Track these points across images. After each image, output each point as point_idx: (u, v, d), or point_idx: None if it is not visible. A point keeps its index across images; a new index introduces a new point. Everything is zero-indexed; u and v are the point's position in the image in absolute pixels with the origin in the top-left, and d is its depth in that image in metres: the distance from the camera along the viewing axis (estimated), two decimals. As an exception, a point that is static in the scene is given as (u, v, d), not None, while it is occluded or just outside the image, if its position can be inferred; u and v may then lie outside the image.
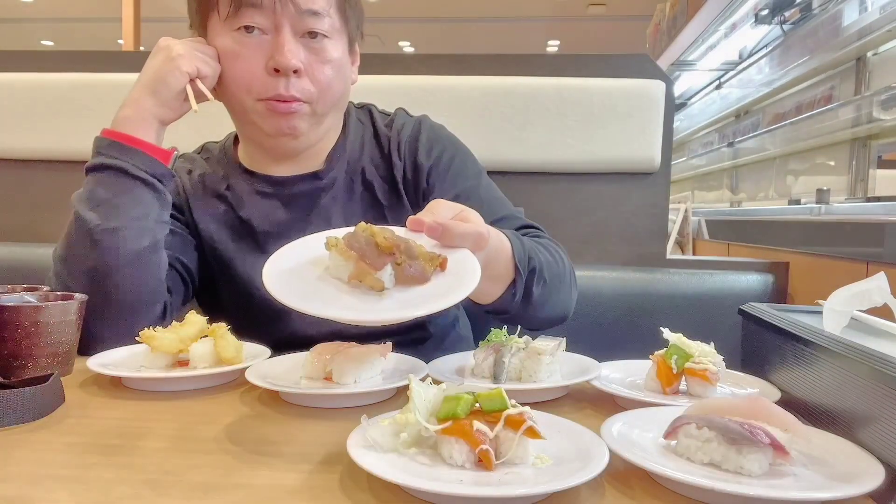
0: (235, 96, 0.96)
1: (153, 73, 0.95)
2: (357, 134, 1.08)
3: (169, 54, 0.94)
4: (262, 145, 1.02)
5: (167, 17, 8.52)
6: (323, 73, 0.95)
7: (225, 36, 0.94)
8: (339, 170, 1.05)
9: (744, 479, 0.53)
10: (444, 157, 1.06)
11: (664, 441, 0.59)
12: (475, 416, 0.55)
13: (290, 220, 1.03)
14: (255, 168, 1.06)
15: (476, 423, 0.54)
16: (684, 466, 0.55)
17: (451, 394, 0.57)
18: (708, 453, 0.55)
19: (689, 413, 0.58)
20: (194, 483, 0.54)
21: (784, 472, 0.54)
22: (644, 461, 0.53)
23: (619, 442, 0.57)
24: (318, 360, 0.78)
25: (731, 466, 0.54)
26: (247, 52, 0.93)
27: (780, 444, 0.53)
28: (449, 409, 0.55)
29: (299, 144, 1.00)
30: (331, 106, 0.99)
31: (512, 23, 8.52)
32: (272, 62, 0.92)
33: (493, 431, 0.54)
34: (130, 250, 0.91)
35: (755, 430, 0.53)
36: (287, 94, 0.93)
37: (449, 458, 0.54)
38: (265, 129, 0.97)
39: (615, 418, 0.62)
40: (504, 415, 0.54)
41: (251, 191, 1.05)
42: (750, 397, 0.61)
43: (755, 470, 0.53)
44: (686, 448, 0.57)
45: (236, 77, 0.95)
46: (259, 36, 0.93)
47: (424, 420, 0.55)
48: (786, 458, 0.54)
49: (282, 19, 0.92)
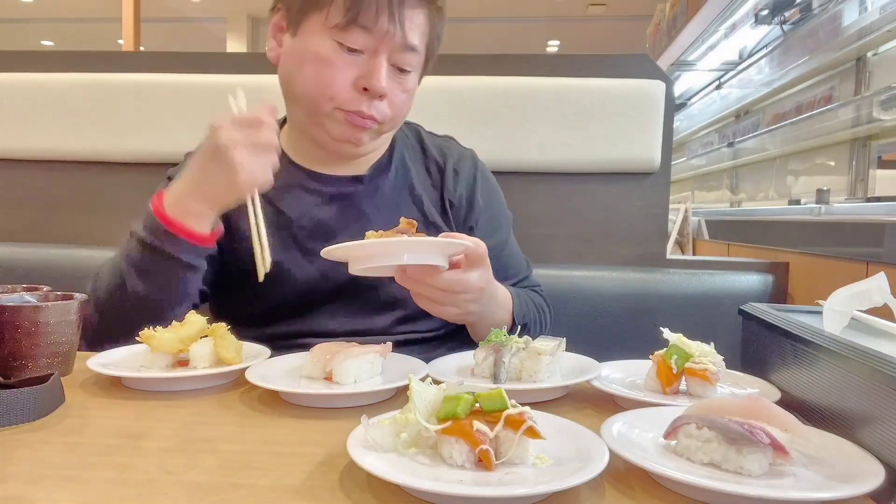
0: (314, 99, 0.97)
1: (211, 189, 0.90)
2: (404, 148, 1.13)
3: (232, 170, 0.86)
4: (324, 145, 1.04)
5: (167, 18, 8.54)
6: (400, 100, 1.00)
7: (325, 40, 0.95)
8: (385, 179, 1.08)
9: (744, 479, 0.53)
10: (495, 205, 1.16)
11: (664, 441, 0.59)
12: (475, 416, 0.55)
13: (328, 219, 1.05)
14: (300, 161, 1.08)
15: (476, 423, 0.54)
16: (684, 466, 0.55)
17: (451, 394, 0.57)
18: (708, 453, 0.55)
19: (689, 413, 0.59)
20: (194, 483, 0.54)
21: (784, 473, 0.54)
22: (644, 461, 0.53)
23: (618, 442, 0.56)
24: (319, 360, 0.79)
25: (732, 466, 0.54)
26: (341, 63, 0.94)
27: (780, 444, 0.53)
28: (449, 409, 0.55)
29: (357, 151, 1.05)
30: (397, 126, 1.05)
31: (512, 23, 8.53)
32: (363, 81, 0.94)
33: (494, 431, 0.54)
34: (168, 307, 0.94)
35: (755, 430, 0.53)
36: (367, 113, 0.96)
37: (449, 458, 0.54)
38: (332, 134, 1.00)
39: (615, 418, 0.62)
40: (504, 415, 0.54)
41: (293, 183, 1.06)
42: (750, 397, 0.61)
43: (755, 470, 0.53)
44: (686, 448, 0.57)
45: (323, 82, 0.95)
46: (357, 54, 0.95)
47: (424, 420, 0.55)
48: (786, 459, 0.54)
49: (383, 46, 0.94)
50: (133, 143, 1.54)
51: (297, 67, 0.98)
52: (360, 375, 0.77)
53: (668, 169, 1.51)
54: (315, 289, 1.04)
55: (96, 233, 1.57)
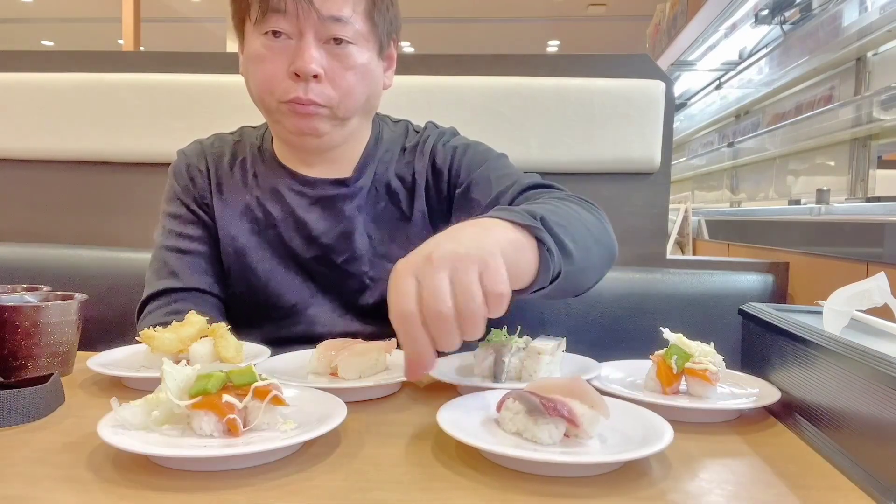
0: (261, 98, 0.98)
1: None
2: (389, 146, 1.10)
3: None
4: (290, 143, 1.04)
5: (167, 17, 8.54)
6: (345, 79, 0.96)
7: (255, 40, 0.96)
8: (366, 180, 1.06)
9: (537, 448, 0.59)
10: (457, 154, 1.06)
11: (497, 414, 0.65)
12: (225, 391, 0.59)
13: (313, 221, 1.04)
14: (288, 163, 1.07)
15: (225, 396, 0.58)
16: (493, 437, 0.61)
17: (203, 373, 0.60)
18: (515, 424, 0.62)
19: (520, 390, 0.64)
20: (188, 483, 0.54)
21: (579, 444, 0.60)
22: (454, 431, 0.58)
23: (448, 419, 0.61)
24: (324, 355, 0.80)
25: (529, 436, 0.60)
26: (271, 55, 0.95)
27: (571, 417, 0.59)
28: (200, 387, 0.59)
29: (323, 143, 1.01)
30: (354, 110, 0.99)
31: (512, 23, 8.52)
32: (293, 67, 0.93)
33: (243, 402, 0.59)
34: None
35: (556, 404, 0.59)
36: (305, 98, 0.94)
37: (199, 429, 0.58)
38: (288, 128, 0.99)
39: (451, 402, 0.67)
40: (252, 387, 0.59)
41: (280, 184, 1.06)
42: (573, 378, 0.65)
43: (546, 439, 0.59)
44: (503, 419, 0.63)
45: (260, 79, 0.96)
46: (285, 41, 0.94)
47: (177, 398, 0.58)
48: (577, 430, 0.59)
49: (305, 25, 0.93)
50: (133, 143, 1.54)
51: (246, 75, 1.00)
52: (364, 371, 0.79)
53: (668, 169, 1.51)
54: (302, 290, 1.05)
55: (96, 233, 1.57)
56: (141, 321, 1.02)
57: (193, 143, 1.13)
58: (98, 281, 1.42)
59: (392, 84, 1.08)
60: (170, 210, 1.09)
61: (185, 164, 1.09)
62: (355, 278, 1.04)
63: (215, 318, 0.93)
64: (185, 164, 1.09)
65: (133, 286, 1.10)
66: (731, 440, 0.67)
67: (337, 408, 0.64)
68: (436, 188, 1.07)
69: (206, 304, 1.03)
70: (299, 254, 1.04)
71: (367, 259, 1.04)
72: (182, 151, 1.12)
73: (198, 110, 1.51)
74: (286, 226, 1.05)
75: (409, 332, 0.58)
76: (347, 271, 1.04)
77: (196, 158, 1.10)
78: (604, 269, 0.88)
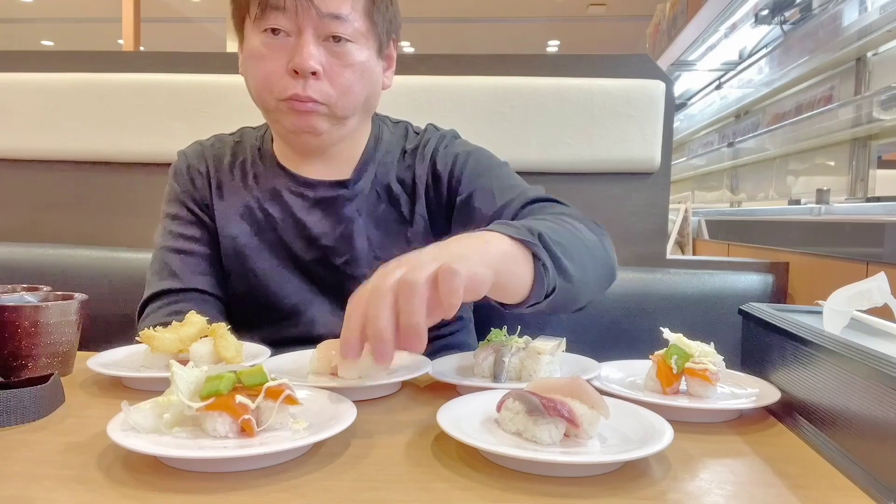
0: (259, 96, 0.98)
1: None
2: (390, 148, 1.09)
3: None
4: (289, 142, 1.04)
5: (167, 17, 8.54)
6: (343, 77, 0.96)
7: (254, 37, 0.96)
8: (366, 182, 1.06)
9: (537, 448, 0.59)
10: (458, 161, 1.05)
11: (497, 414, 0.65)
12: (237, 392, 0.59)
13: (313, 222, 1.04)
14: (287, 164, 1.07)
15: (238, 396, 0.58)
16: (490, 437, 0.61)
17: (213, 374, 0.59)
18: (515, 424, 0.62)
19: (520, 389, 0.64)
20: (195, 484, 0.54)
21: (579, 443, 0.60)
22: (454, 431, 0.58)
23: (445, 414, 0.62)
24: (324, 355, 0.80)
25: (529, 435, 0.60)
26: (270, 53, 0.95)
27: (571, 417, 0.59)
28: (212, 388, 0.58)
29: (322, 142, 1.01)
30: (352, 109, 0.99)
31: (512, 23, 8.52)
32: (292, 64, 0.93)
33: (255, 403, 0.58)
34: None
35: (556, 404, 0.59)
36: (304, 95, 0.94)
37: (213, 431, 0.58)
38: (287, 126, 0.98)
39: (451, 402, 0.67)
40: (265, 387, 0.59)
41: (280, 186, 1.06)
42: (572, 378, 0.65)
43: (545, 439, 0.59)
44: (503, 419, 0.63)
45: (260, 77, 0.96)
46: (284, 38, 0.94)
47: (188, 399, 0.58)
48: (577, 430, 0.60)
49: (304, 22, 0.93)
50: (133, 143, 1.53)
51: (245, 74, 1.00)
52: (364, 371, 0.79)
53: (668, 169, 1.51)
54: (301, 291, 1.05)
55: (96, 233, 1.57)
56: (141, 321, 1.02)
57: (194, 143, 1.13)
58: (98, 281, 1.42)
59: (392, 84, 1.07)
60: (170, 211, 1.09)
61: (186, 165, 1.09)
62: (355, 280, 1.04)
63: (216, 319, 0.92)
64: (185, 165, 1.09)
65: (133, 286, 1.10)
66: (731, 440, 0.67)
67: (345, 406, 0.64)
68: (436, 193, 1.06)
69: (207, 305, 1.03)
70: (299, 255, 1.04)
71: (366, 261, 1.04)
72: (182, 152, 1.12)
73: (198, 110, 1.51)
74: (286, 227, 1.05)
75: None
76: (347, 273, 1.04)
77: (196, 159, 1.10)
78: (601, 287, 0.92)
